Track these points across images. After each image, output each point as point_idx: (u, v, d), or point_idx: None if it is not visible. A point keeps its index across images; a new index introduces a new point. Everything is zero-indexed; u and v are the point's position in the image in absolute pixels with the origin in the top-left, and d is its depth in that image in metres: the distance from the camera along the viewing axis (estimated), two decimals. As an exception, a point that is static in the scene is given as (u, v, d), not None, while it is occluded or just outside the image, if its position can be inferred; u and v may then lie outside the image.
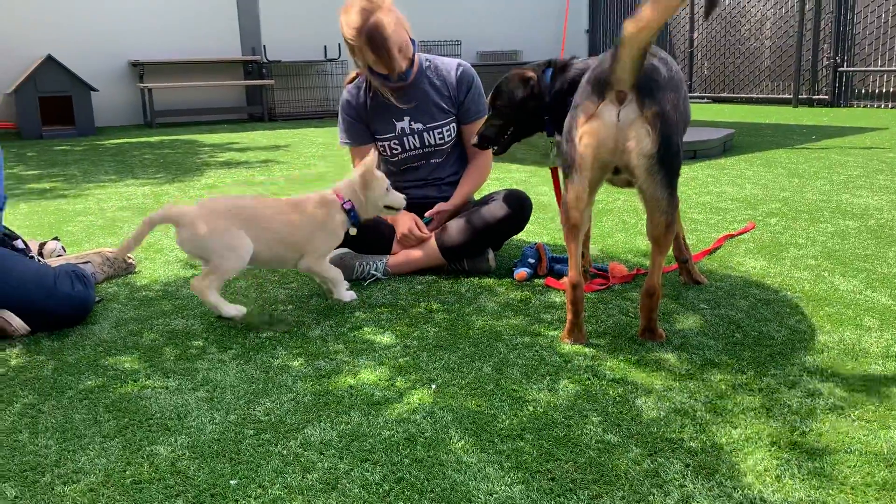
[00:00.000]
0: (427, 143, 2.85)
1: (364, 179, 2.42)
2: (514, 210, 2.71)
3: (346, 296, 2.44)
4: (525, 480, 1.44)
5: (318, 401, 1.80)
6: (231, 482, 1.46)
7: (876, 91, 9.76)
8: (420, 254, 2.74)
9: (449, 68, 2.86)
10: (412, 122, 2.82)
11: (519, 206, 2.73)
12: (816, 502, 1.35)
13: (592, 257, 2.89)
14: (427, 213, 2.81)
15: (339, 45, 10.41)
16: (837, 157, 5.40)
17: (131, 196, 4.64)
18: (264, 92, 10.31)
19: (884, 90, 9.68)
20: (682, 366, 1.93)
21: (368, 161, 2.44)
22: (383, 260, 2.75)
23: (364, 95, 2.84)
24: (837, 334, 2.11)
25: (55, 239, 3.07)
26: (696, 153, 5.57)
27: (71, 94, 8.46)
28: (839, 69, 9.90)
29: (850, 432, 1.58)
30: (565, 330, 2.12)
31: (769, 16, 10.72)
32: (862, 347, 2.02)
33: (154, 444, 1.62)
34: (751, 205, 3.84)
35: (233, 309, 2.25)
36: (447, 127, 2.85)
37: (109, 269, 2.85)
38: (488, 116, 2.51)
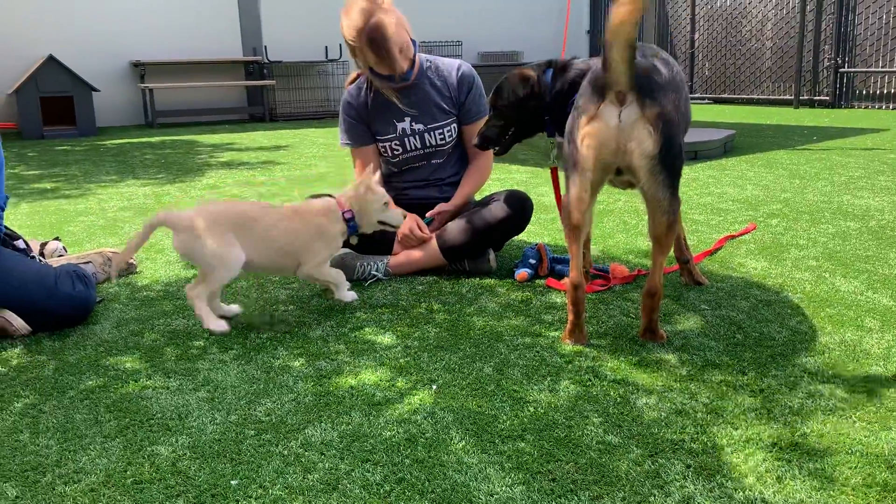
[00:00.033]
0: (428, 144, 2.85)
1: (358, 192, 2.40)
2: (515, 211, 2.71)
3: (348, 296, 2.43)
4: (526, 481, 1.44)
5: (319, 401, 1.80)
6: (232, 482, 1.46)
7: (877, 92, 9.76)
8: (421, 254, 2.74)
9: (450, 69, 2.86)
10: (413, 123, 2.82)
11: (520, 207, 2.73)
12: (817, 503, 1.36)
13: (593, 258, 2.89)
14: (428, 214, 2.81)
15: (340, 45, 10.41)
16: (838, 159, 5.40)
17: (132, 196, 4.64)
18: (265, 92, 10.32)
19: (885, 91, 9.68)
20: (682, 367, 1.93)
21: (366, 174, 2.43)
22: (384, 260, 2.75)
23: (365, 96, 2.84)
24: (838, 335, 2.11)
25: (56, 239, 3.07)
26: (696, 154, 5.57)
27: (72, 95, 8.47)
28: (840, 70, 9.90)
29: (851, 433, 1.58)
30: (566, 331, 2.12)
31: (770, 17, 10.72)
32: (863, 349, 2.02)
33: (155, 444, 1.62)
34: (752, 206, 3.84)
35: (215, 325, 2.22)
36: (448, 127, 2.85)
37: (111, 269, 2.85)
38: (489, 117, 2.51)
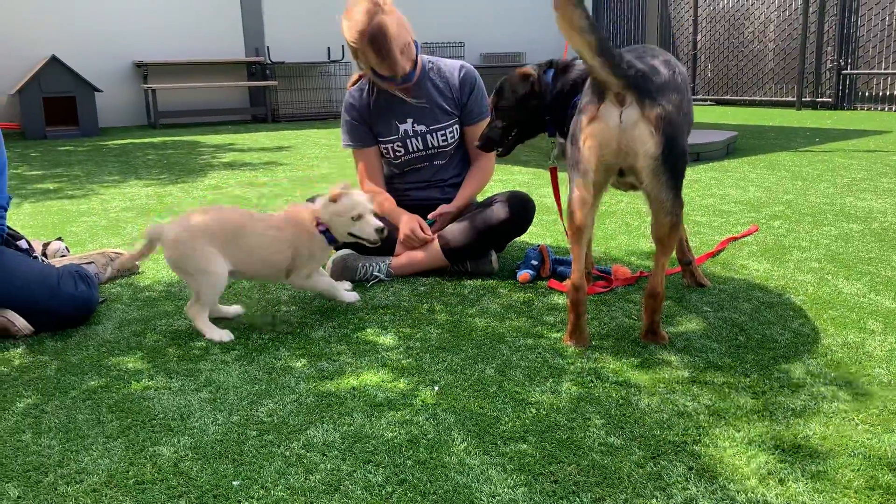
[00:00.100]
0: (430, 145, 2.85)
1: (325, 205, 2.31)
2: (517, 212, 2.71)
3: (348, 297, 2.43)
4: (528, 483, 1.44)
5: (321, 402, 1.80)
6: (234, 483, 1.46)
7: (879, 94, 9.75)
8: (423, 255, 2.74)
9: (452, 70, 2.86)
10: (415, 124, 2.82)
11: (522, 208, 2.73)
12: (820, 506, 1.35)
13: (595, 259, 2.89)
14: (430, 215, 2.81)
15: (342, 46, 10.42)
16: (841, 160, 5.39)
17: (135, 196, 4.65)
18: (268, 93, 10.33)
19: (887, 93, 9.67)
20: (685, 368, 1.93)
21: (340, 185, 2.33)
22: (386, 261, 2.75)
23: (367, 98, 2.84)
24: (841, 337, 2.10)
25: (59, 239, 3.08)
26: (699, 155, 5.56)
27: (75, 95, 8.48)
28: (843, 72, 9.89)
29: (853, 436, 1.58)
30: (567, 332, 2.11)
31: (773, 18, 10.71)
32: (865, 351, 2.01)
33: (157, 444, 1.62)
34: (754, 207, 3.84)
35: (218, 335, 2.22)
36: (450, 129, 2.85)
37: (113, 269, 2.85)
38: (491, 118, 2.51)
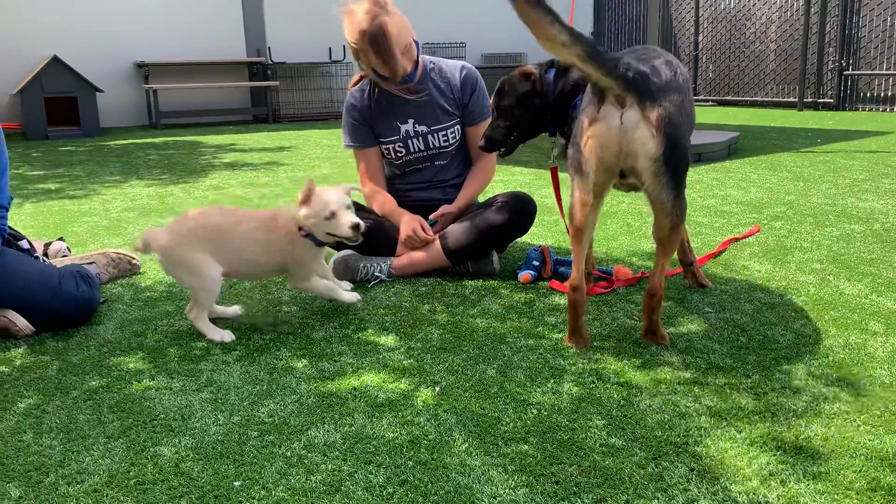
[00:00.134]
0: (431, 146, 2.85)
1: (297, 206, 2.24)
2: (518, 212, 2.71)
3: (348, 297, 2.40)
4: (529, 484, 1.44)
5: (322, 402, 1.80)
6: (235, 483, 1.46)
7: (881, 94, 9.74)
8: (424, 256, 2.74)
9: (453, 70, 2.86)
10: (416, 125, 2.82)
11: (523, 209, 2.73)
12: (821, 507, 1.35)
13: (597, 260, 2.89)
14: (431, 216, 2.81)
15: (343, 46, 10.42)
16: (842, 161, 5.39)
17: (136, 197, 4.65)
18: (269, 93, 10.34)
19: (889, 93, 9.66)
20: (686, 369, 1.93)
21: (305, 186, 2.23)
22: (387, 262, 2.75)
23: (368, 98, 2.84)
24: (843, 338, 2.10)
25: (60, 239, 3.08)
26: (700, 156, 5.56)
27: (76, 95, 8.48)
28: (844, 72, 9.88)
29: (855, 437, 1.57)
30: (568, 333, 2.11)
31: (774, 19, 10.71)
32: (867, 352, 2.01)
33: (158, 444, 1.62)
34: (755, 208, 3.83)
35: (219, 335, 2.22)
36: (451, 129, 2.85)
37: (114, 269, 2.86)
38: (493, 119, 2.51)
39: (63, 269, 2.40)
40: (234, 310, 2.43)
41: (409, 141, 2.83)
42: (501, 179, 4.85)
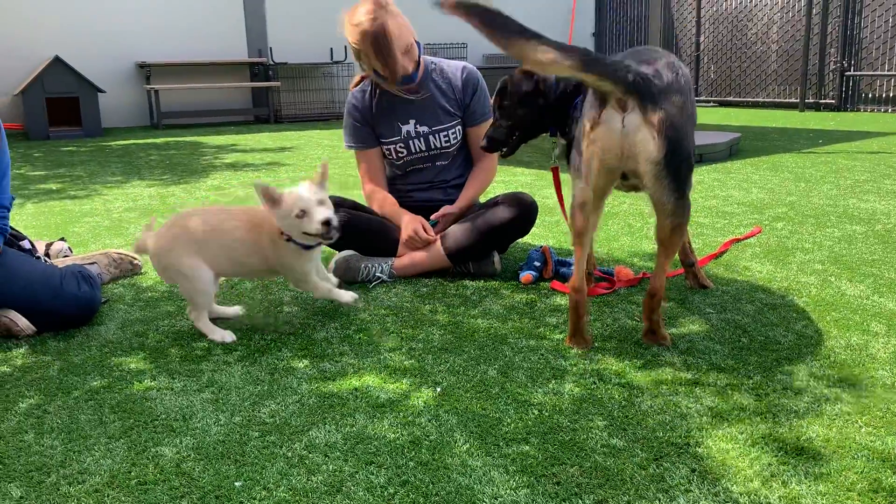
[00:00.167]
0: (433, 146, 2.85)
1: (270, 209, 2.17)
2: (520, 213, 2.71)
3: (346, 297, 2.33)
4: (530, 484, 1.43)
5: (323, 403, 1.80)
6: (236, 484, 1.46)
7: (883, 95, 9.73)
8: (425, 256, 2.74)
9: (454, 71, 2.86)
10: (418, 125, 2.82)
11: (524, 209, 2.72)
12: (823, 508, 1.35)
13: (598, 260, 2.89)
14: (433, 216, 2.81)
15: (345, 47, 10.41)
16: (844, 162, 5.39)
17: (137, 197, 4.65)
18: (270, 94, 10.34)
19: (891, 94, 9.65)
20: (687, 370, 1.93)
21: (262, 189, 2.14)
22: (389, 262, 2.75)
23: (369, 99, 2.84)
24: (844, 339, 2.10)
25: (62, 239, 3.08)
26: (702, 157, 5.56)
27: (78, 96, 8.49)
28: (846, 73, 9.87)
29: (857, 438, 1.57)
30: (569, 334, 2.11)
31: (776, 19, 10.70)
32: (869, 353, 2.01)
33: (159, 445, 1.62)
34: (757, 209, 3.83)
35: (220, 335, 2.22)
36: (453, 130, 2.85)
37: (115, 269, 2.86)
38: (494, 119, 2.50)
39: (64, 270, 2.40)
40: (236, 310, 2.43)
41: (411, 141, 2.83)
42: (503, 180, 4.85)
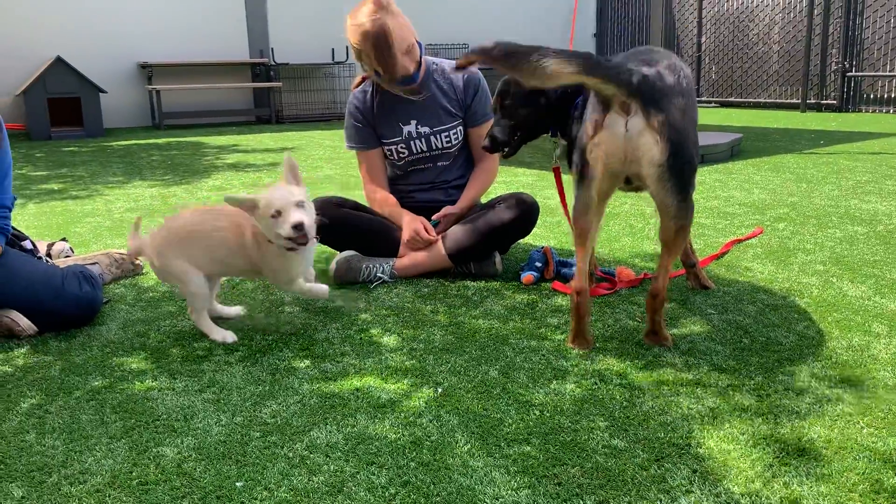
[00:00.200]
0: (434, 147, 2.85)
1: (247, 214, 2.15)
2: (521, 213, 2.71)
3: (318, 289, 2.29)
4: (531, 485, 1.43)
5: (324, 403, 1.80)
6: (237, 484, 1.46)
7: (884, 96, 9.73)
8: (426, 257, 2.74)
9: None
10: (419, 126, 2.82)
11: (526, 210, 2.72)
12: (824, 509, 1.35)
13: (599, 261, 2.89)
14: (434, 217, 2.81)
15: (346, 47, 10.42)
16: (846, 163, 5.38)
17: (139, 197, 4.65)
18: (272, 94, 10.35)
19: (892, 95, 9.65)
20: (689, 371, 1.93)
21: (231, 197, 2.11)
22: (390, 263, 2.75)
23: (371, 99, 2.84)
24: (846, 340, 2.10)
25: (63, 240, 3.08)
26: (703, 157, 5.56)
27: (79, 96, 8.50)
28: (847, 74, 9.87)
29: (858, 439, 1.57)
30: (570, 335, 2.11)
31: (777, 20, 10.70)
32: (870, 353, 2.01)
33: (160, 445, 1.62)
34: (758, 210, 3.83)
35: (221, 335, 2.22)
36: (454, 130, 2.85)
37: (117, 270, 2.86)
38: (496, 119, 2.50)
39: (66, 270, 2.41)
40: (237, 310, 2.43)
41: (412, 142, 2.83)
42: (504, 180, 4.85)
